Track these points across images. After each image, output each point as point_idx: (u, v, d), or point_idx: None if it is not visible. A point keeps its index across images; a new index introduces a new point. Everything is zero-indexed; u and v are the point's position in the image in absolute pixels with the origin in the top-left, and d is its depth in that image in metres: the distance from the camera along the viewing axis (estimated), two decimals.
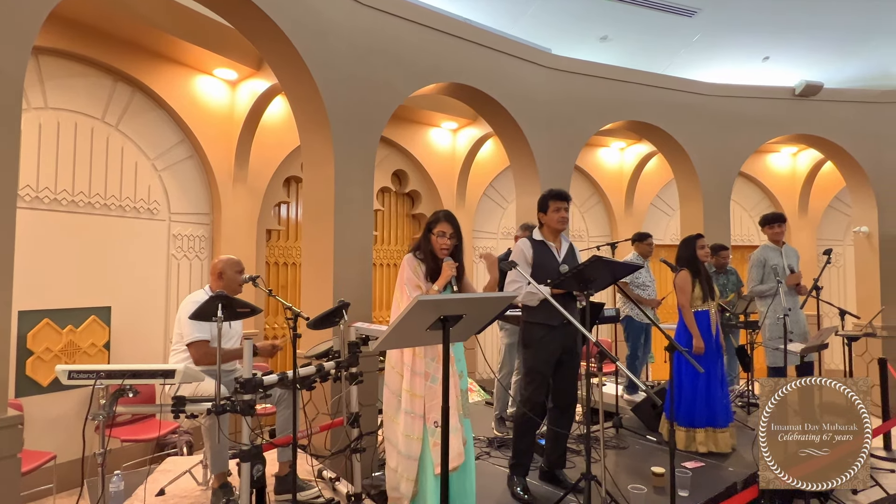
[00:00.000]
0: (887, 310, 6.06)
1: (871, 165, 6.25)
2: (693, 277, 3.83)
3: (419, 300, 1.66)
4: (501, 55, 4.97)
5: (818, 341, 3.58)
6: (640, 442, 4.00)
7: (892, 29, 5.58)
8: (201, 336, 2.81)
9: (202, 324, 2.73)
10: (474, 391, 5.88)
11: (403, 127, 6.47)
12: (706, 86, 6.16)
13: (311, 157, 4.01)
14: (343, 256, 3.83)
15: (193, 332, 2.79)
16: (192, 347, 2.81)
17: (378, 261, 6.47)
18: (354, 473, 2.94)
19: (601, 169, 7.77)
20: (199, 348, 2.82)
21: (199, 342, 2.82)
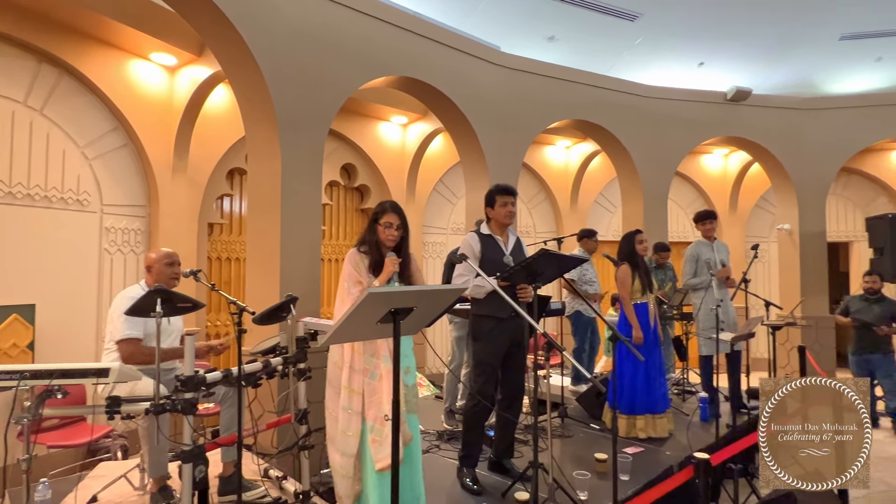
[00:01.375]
0: (806, 301, 6.55)
1: (794, 168, 6.72)
2: (633, 271, 4.00)
3: (370, 292, 1.65)
4: (453, 51, 4.99)
5: (746, 331, 3.83)
6: (584, 430, 4.14)
7: (815, 40, 6.01)
8: (132, 333, 2.67)
9: (135, 320, 2.60)
10: (424, 385, 5.90)
11: (353, 120, 6.38)
12: (646, 88, 6.42)
13: (257, 149, 3.89)
14: (290, 251, 3.74)
15: (124, 329, 2.65)
16: (120, 345, 2.67)
17: (327, 256, 6.36)
18: (302, 471, 2.89)
19: (548, 166, 7.95)
20: (128, 346, 2.68)
21: (129, 340, 2.68)
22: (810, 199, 6.73)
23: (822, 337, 6.55)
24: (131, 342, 2.68)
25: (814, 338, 6.47)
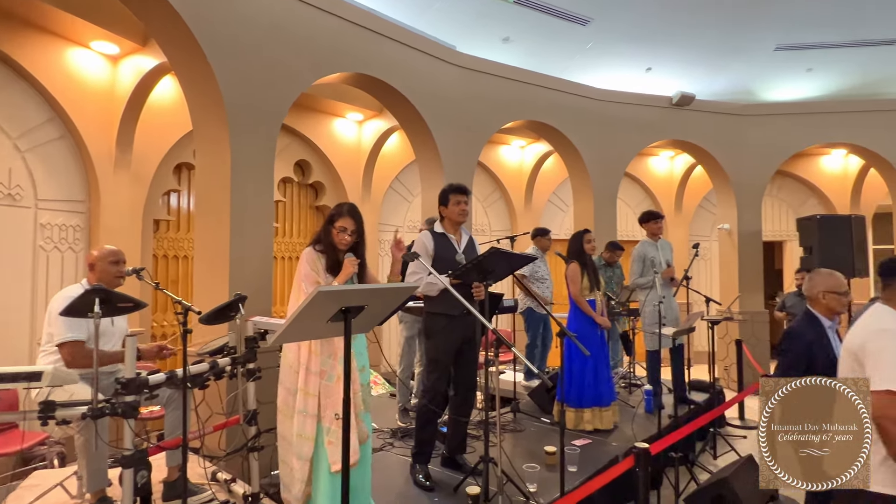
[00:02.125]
0: (743, 297, 6.92)
1: (733, 170, 7.08)
2: (582, 269, 4.13)
3: (319, 291, 1.65)
4: (409, 49, 4.99)
5: (687, 325, 4.02)
6: (535, 424, 4.24)
7: (753, 50, 6.34)
8: (75, 336, 2.56)
9: (77, 322, 2.49)
10: (378, 384, 5.89)
11: (307, 116, 6.28)
12: (597, 91, 6.62)
13: (205, 143, 3.78)
14: (240, 249, 3.66)
15: (66, 332, 2.53)
16: (63, 348, 2.56)
17: (279, 254, 6.25)
18: (252, 473, 2.84)
19: (503, 166, 8.07)
20: (72, 349, 2.57)
21: (72, 342, 2.57)
22: (748, 201, 7.11)
23: (758, 331, 6.95)
24: (74, 345, 2.57)
25: (750, 331, 6.85)
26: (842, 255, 6.03)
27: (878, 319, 1.94)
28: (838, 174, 8.56)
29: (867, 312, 2.05)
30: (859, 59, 6.47)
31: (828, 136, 7.11)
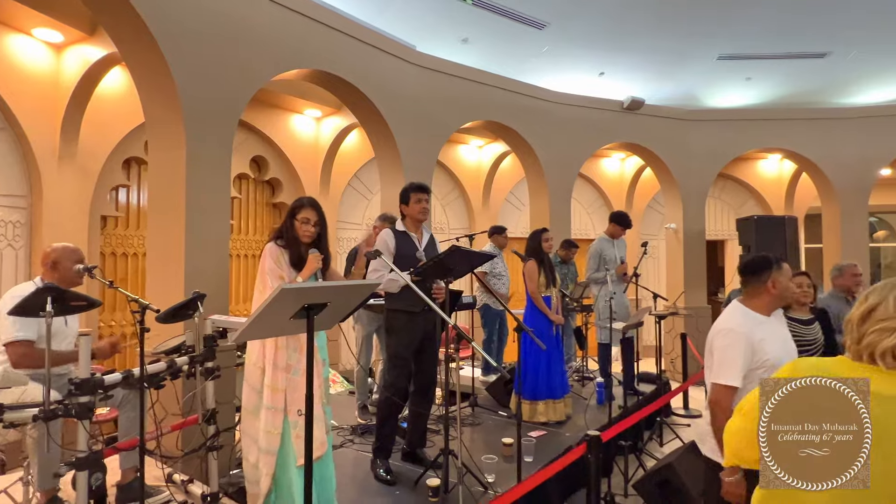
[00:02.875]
0: (688, 293, 7.29)
1: (679, 172, 7.44)
2: (539, 267, 4.27)
3: (283, 288, 1.67)
4: (368, 47, 5.00)
5: (635, 320, 4.23)
6: (492, 417, 4.36)
7: (697, 58, 6.67)
8: (23, 335, 2.47)
9: (27, 321, 2.40)
10: (337, 382, 5.88)
11: (264, 111, 6.18)
12: (553, 93, 6.81)
13: (158, 138, 3.68)
14: (196, 246, 3.59)
15: (14, 331, 2.44)
16: (9, 348, 2.46)
17: (235, 251, 6.13)
18: (210, 473, 2.81)
19: (461, 165, 8.17)
20: (19, 349, 2.48)
21: (20, 342, 2.47)
22: (692, 202, 7.48)
23: (702, 325, 7.32)
24: (22, 345, 2.48)
25: (694, 325, 7.22)
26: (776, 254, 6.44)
27: (726, 318, 2.17)
28: (774, 177, 9.12)
29: (725, 309, 2.28)
30: (793, 70, 6.91)
31: (764, 142, 7.57)
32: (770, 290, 2.14)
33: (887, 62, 6.70)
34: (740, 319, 2.12)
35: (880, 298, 1.22)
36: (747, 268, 2.23)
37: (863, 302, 1.25)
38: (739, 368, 2.02)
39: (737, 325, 2.10)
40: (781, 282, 2.14)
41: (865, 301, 1.25)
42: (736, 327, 2.09)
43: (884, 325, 1.18)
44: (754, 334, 2.05)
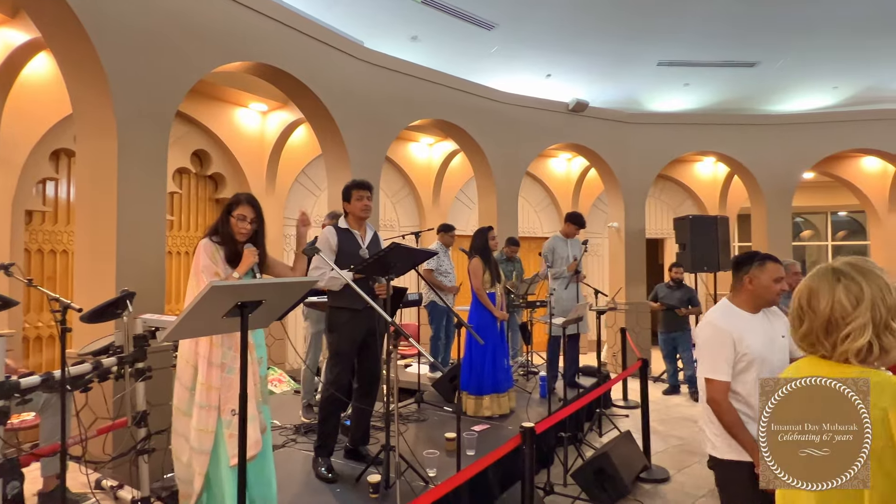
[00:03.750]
0: (628, 289, 7.59)
1: (621, 173, 7.72)
2: (484, 264, 4.35)
3: (213, 286, 1.64)
4: (315, 42, 4.92)
5: (575, 315, 4.38)
6: (438, 413, 4.41)
7: (639, 63, 6.93)
8: None
9: None
10: (284, 381, 5.78)
11: (207, 104, 5.98)
12: (501, 94, 6.92)
13: (88, 129, 3.52)
14: (129, 243, 3.45)
15: None
16: None
17: (175, 248, 5.90)
18: (141, 477, 2.72)
19: (412, 162, 8.18)
20: None
21: None
22: (634, 201, 7.79)
23: (641, 320, 7.65)
24: None
25: (634, 320, 7.53)
26: (710, 252, 6.82)
27: (709, 314, 2.17)
28: (709, 179, 9.61)
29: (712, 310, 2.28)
30: (727, 78, 7.30)
31: (700, 146, 7.97)
32: (747, 286, 2.13)
33: (811, 73, 7.18)
34: (720, 314, 2.12)
35: (829, 299, 1.18)
36: (732, 264, 2.24)
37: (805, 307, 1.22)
38: (724, 362, 2.01)
39: (715, 320, 2.10)
40: (760, 279, 2.10)
41: (809, 306, 1.21)
42: (715, 321, 2.09)
43: (850, 328, 1.16)
44: (732, 329, 2.04)
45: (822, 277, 1.22)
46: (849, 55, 6.61)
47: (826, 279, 1.21)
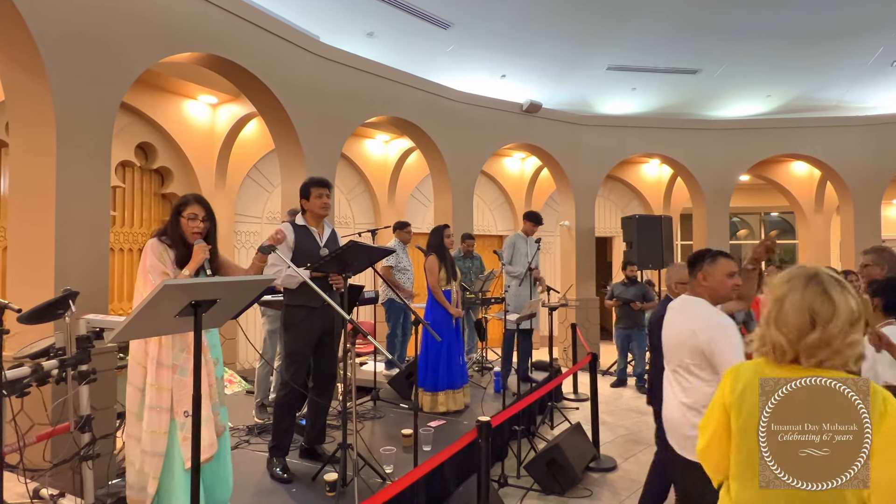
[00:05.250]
0: (578, 285, 7.83)
1: (572, 173, 7.95)
2: (440, 262, 4.39)
3: (165, 284, 1.61)
4: (268, 34, 4.81)
5: (528, 311, 4.50)
6: (394, 410, 4.43)
7: (589, 67, 7.16)
8: None
9: None
10: (234, 382, 5.64)
11: (151, 95, 5.73)
12: (457, 93, 6.98)
13: (22, 116, 3.32)
14: (68, 240, 3.28)
15: None
16: None
17: (118, 245, 5.64)
18: (85, 484, 2.61)
19: (367, 159, 8.13)
20: None
21: None
22: (584, 201, 8.04)
23: (591, 315, 7.92)
24: None
25: (584, 316, 7.78)
26: (654, 250, 7.13)
27: (707, 314, 2.07)
28: (655, 180, 10.04)
29: (689, 306, 2.16)
30: (671, 83, 7.65)
31: (646, 148, 8.31)
32: (701, 282, 2.13)
33: (747, 81, 7.63)
34: (714, 309, 2.08)
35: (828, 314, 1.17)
36: (687, 263, 2.25)
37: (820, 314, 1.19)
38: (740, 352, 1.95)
39: (715, 313, 2.06)
40: (714, 275, 2.10)
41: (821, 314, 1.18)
42: (717, 314, 2.05)
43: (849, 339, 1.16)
44: None
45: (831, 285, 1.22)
46: (782, 64, 7.06)
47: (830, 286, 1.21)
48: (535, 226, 5.49)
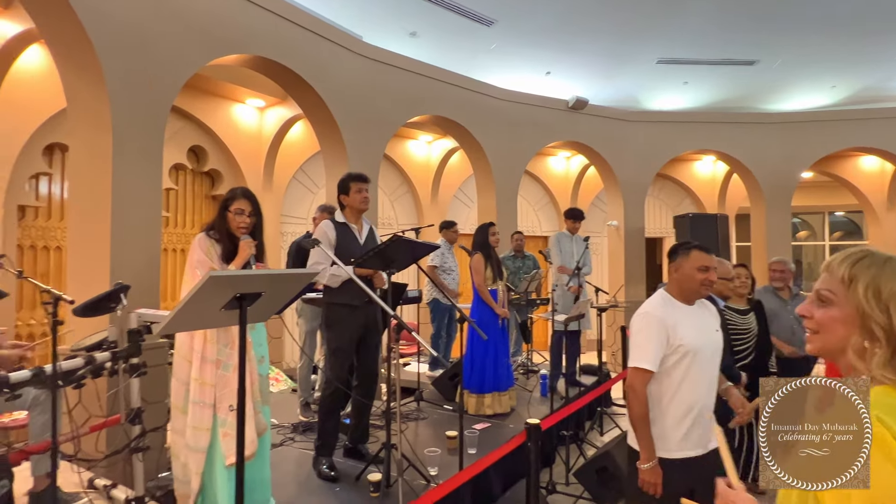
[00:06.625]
0: (628, 287, 7.54)
1: (620, 172, 7.68)
2: (486, 260, 4.29)
3: (211, 276, 1.58)
4: (314, 35, 4.86)
5: (576, 312, 4.33)
6: (438, 412, 4.35)
7: (638, 61, 6.90)
8: None
9: None
10: (281, 380, 5.71)
11: (202, 99, 5.91)
12: (500, 91, 6.87)
13: (82, 122, 3.45)
14: (123, 239, 3.38)
15: None
16: None
17: (170, 245, 5.83)
18: (135, 476, 2.65)
19: (410, 160, 8.12)
20: None
21: None
22: (633, 200, 7.75)
23: None
24: None
25: None
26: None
27: (644, 303, 2.13)
28: (708, 178, 9.58)
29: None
30: (726, 76, 7.28)
31: (699, 144, 7.94)
32: (672, 274, 2.10)
33: (809, 72, 7.17)
34: (655, 303, 2.09)
35: None
36: (668, 254, 2.22)
37: None
38: (653, 352, 1.97)
39: (651, 309, 2.06)
40: (683, 267, 2.06)
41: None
42: (650, 311, 2.06)
43: None
44: (668, 318, 2.00)
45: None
46: (847, 54, 6.59)
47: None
48: (577, 222, 5.35)
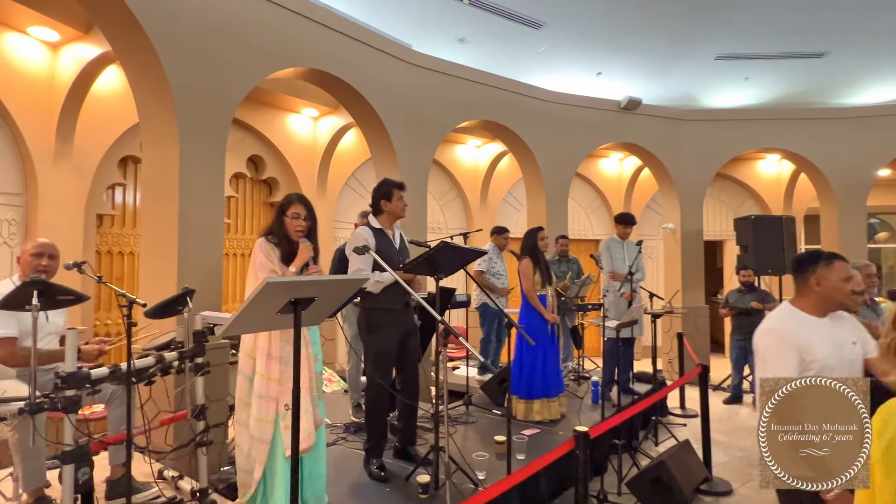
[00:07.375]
0: (685, 292, 7.27)
1: (676, 172, 7.42)
2: (534, 265, 4.26)
3: (268, 282, 1.67)
4: (364, 46, 5.00)
5: (629, 318, 4.22)
6: (486, 416, 4.35)
7: (694, 58, 6.66)
8: (6, 332, 2.46)
9: (7, 318, 2.40)
10: (334, 381, 5.87)
11: (260, 111, 6.19)
12: (549, 93, 6.80)
13: (152, 136, 3.69)
14: (189, 245, 3.59)
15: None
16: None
17: (231, 250, 6.13)
18: (200, 469, 2.81)
19: (459, 165, 8.17)
20: (3, 347, 2.47)
21: (4, 340, 2.47)
22: (690, 202, 7.47)
23: (699, 325, 7.31)
24: (6, 342, 2.47)
25: (692, 325, 7.20)
26: (774, 254, 6.44)
27: (770, 318, 2.02)
28: (773, 178, 9.09)
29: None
30: (791, 70, 6.90)
31: (763, 142, 7.55)
32: (814, 287, 1.95)
33: (885, 62, 6.68)
34: (782, 318, 1.97)
35: None
36: (793, 265, 2.08)
37: None
38: (790, 372, 1.81)
39: (778, 325, 1.94)
40: (829, 279, 1.92)
41: None
42: (777, 326, 1.94)
43: None
44: (798, 334, 1.87)
45: None
46: None
47: None
48: (627, 227, 5.22)
